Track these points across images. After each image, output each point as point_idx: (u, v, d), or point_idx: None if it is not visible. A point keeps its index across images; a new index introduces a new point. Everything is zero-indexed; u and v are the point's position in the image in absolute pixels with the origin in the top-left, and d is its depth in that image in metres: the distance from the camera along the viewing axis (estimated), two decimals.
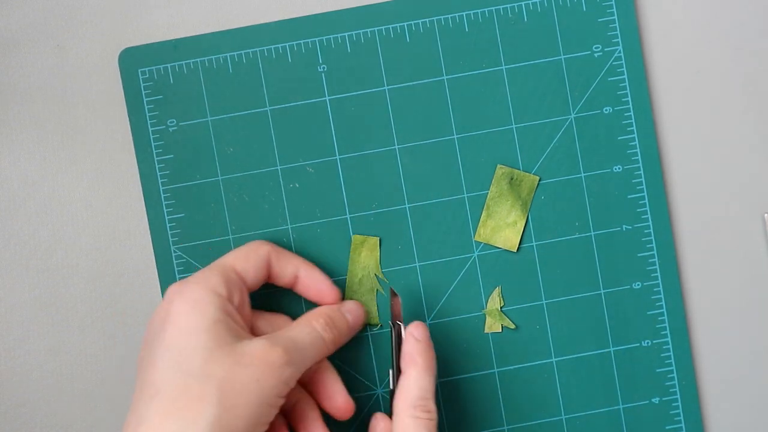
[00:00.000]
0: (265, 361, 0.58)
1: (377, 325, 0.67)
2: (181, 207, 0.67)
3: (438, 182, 0.67)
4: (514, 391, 0.67)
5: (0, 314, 0.67)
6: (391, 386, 0.62)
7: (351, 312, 0.65)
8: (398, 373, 0.62)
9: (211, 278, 0.60)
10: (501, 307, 0.67)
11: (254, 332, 0.63)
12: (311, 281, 0.64)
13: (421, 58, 0.67)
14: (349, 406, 0.64)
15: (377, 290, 0.66)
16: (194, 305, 0.59)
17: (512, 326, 0.67)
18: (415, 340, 0.62)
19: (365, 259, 0.66)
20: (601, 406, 0.67)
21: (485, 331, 0.67)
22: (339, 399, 0.63)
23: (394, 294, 0.64)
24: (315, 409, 0.63)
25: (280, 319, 0.64)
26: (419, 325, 0.63)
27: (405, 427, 0.60)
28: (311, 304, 0.66)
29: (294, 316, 0.65)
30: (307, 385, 0.64)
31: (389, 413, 0.62)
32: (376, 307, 0.67)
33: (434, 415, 0.60)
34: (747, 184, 0.68)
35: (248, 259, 0.62)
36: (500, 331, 0.67)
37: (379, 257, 0.67)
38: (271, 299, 0.66)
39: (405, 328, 0.62)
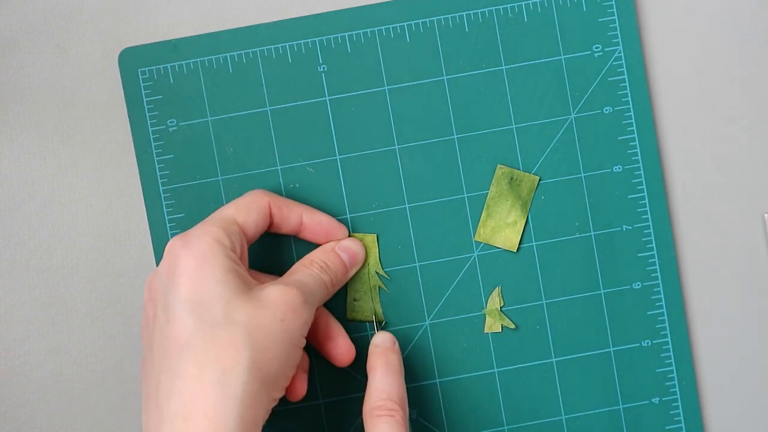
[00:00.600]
0: (285, 301, 0.58)
1: (382, 322, 0.67)
2: (181, 207, 0.67)
3: (438, 182, 0.67)
4: (514, 391, 0.67)
5: (0, 314, 0.67)
6: None
7: (346, 250, 0.65)
8: None
9: (214, 230, 0.60)
10: (501, 307, 0.67)
11: None
12: (317, 225, 0.64)
13: (421, 58, 0.67)
14: (351, 351, 0.64)
15: (379, 287, 0.66)
16: (203, 257, 0.58)
17: (512, 326, 0.67)
18: (374, 346, 0.64)
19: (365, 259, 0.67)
20: (601, 406, 0.67)
21: (485, 331, 0.67)
22: (341, 343, 0.64)
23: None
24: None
25: (274, 278, 0.64)
26: (380, 333, 0.65)
27: (368, 429, 0.60)
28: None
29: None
30: (310, 332, 0.64)
31: None
32: (379, 305, 0.67)
33: (397, 413, 0.60)
34: (747, 184, 0.68)
35: (249, 211, 0.62)
36: (500, 330, 0.67)
37: (378, 254, 0.67)
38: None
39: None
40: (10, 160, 0.67)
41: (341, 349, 0.64)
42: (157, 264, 0.66)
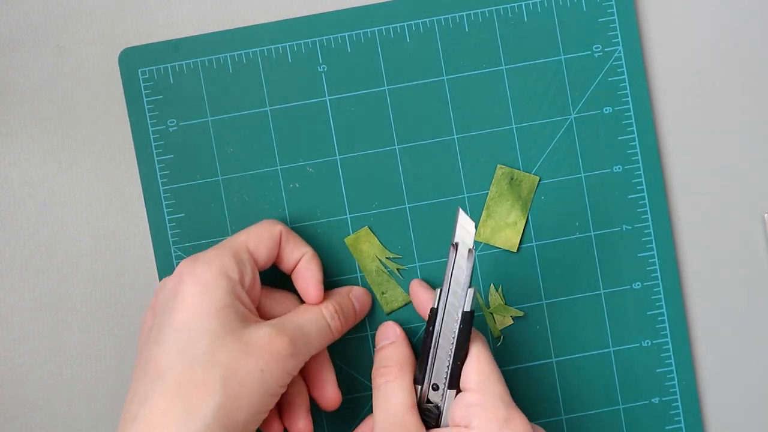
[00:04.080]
0: (271, 350, 0.58)
1: (405, 304, 0.67)
2: (181, 207, 0.67)
3: (438, 182, 0.67)
4: (514, 391, 0.67)
5: (0, 314, 0.67)
6: (435, 304, 0.61)
7: (359, 299, 0.65)
8: (446, 295, 0.61)
9: (224, 259, 0.60)
10: (502, 303, 0.67)
11: (262, 311, 0.63)
12: (306, 273, 0.63)
13: (421, 58, 0.67)
14: (337, 398, 0.64)
15: (394, 272, 0.66)
16: (205, 288, 0.58)
17: (521, 314, 0.67)
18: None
19: (368, 250, 0.67)
20: (601, 406, 0.67)
21: (498, 328, 0.67)
22: (329, 389, 0.64)
23: (462, 215, 0.61)
24: (304, 396, 0.64)
25: (288, 298, 0.64)
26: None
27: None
28: None
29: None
30: (300, 370, 0.64)
31: (428, 335, 0.61)
32: (399, 289, 0.67)
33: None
34: (747, 184, 0.68)
35: (261, 239, 0.62)
36: (512, 323, 0.67)
37: (378, 242, 0.66)
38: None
39: (470, 250, 0.61)
40: (10, 160, 0.67)
41: (329, 395, 0.64)
42: (157, 265, 0.66)
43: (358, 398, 0.67)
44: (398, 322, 0.66)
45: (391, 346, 0.63)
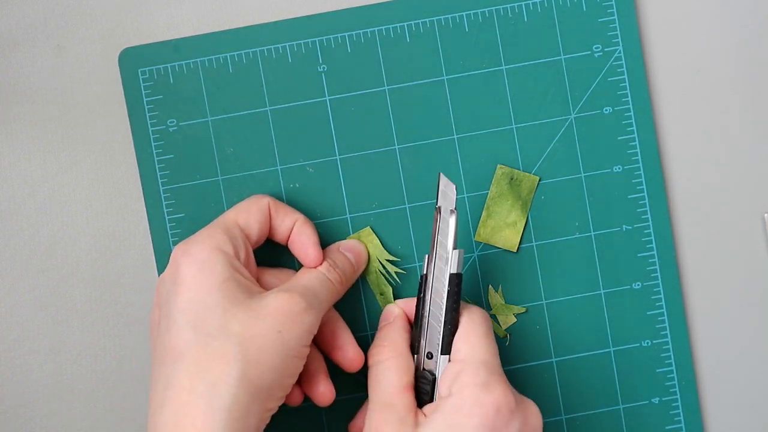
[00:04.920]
0: (284, 310, 0.58)
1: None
2: (181, 207, 0.67)
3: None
4: None
5: (0, 314, 0.67)
6: (425, 270, 0.62)
7: (351, 250, 0.65)
8: (434, 257, 0.61)
9: (216, 236, 0.60)
10: (503, 302, 0.67)
11: (262, 287, 0.63)
12: (301, 237, 0.63)
13: (421, 58, 0.67)
14: (360, 358, 0.64)
15: (393, 274, 0.66)
16: (202, 266, 0.59)
17: (523, 310, 0.67)
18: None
19: (369, 250, 0.66)
20: (601, 406, 0.67)
21: (503, 329, 0.67)
22: (350, 350, 0.64)
23: (443, 179, 0.62)
24: (320, 362, 0.64)
25: (285, 273, 0.64)
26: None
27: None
28: None
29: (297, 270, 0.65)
30: (316, 337, 0.64)
31: (419, 302, 0.62)
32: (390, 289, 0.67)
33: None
34: (747, 184, 0.68)
35: (250, 213, 0.62)
36: (515, 321, 0.67)
37: (380, 243, 0.66)
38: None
39: (452, 211, 0.61)
40: (10, 160, 0.67)
41: (350, 356, 0.64)
42: (157, 265, 0.66)
43: (358, 398, 0.67)
44: None
45: (386, 327, 0.63)
